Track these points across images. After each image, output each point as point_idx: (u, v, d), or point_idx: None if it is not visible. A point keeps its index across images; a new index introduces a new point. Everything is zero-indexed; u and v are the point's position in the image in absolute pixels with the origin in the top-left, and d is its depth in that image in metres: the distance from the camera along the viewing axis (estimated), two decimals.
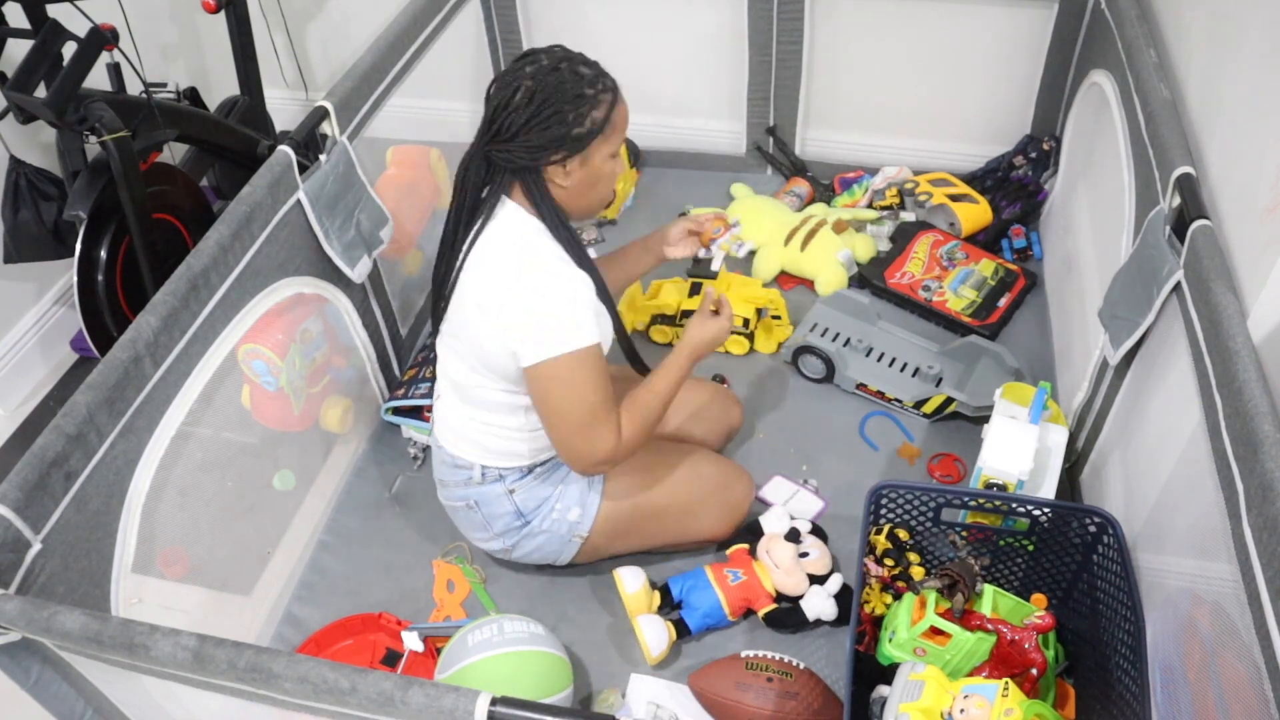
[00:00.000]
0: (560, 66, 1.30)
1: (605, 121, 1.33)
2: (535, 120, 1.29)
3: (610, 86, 1.35)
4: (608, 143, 1.35)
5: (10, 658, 1.04)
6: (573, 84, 1.30)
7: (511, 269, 1.36)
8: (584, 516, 1.56)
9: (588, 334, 1.33)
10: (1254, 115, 1.28)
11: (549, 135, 1.30)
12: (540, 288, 1.34)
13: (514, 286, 1.35)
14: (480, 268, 1.38)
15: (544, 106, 1.29)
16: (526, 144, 1.31)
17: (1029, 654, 1.26)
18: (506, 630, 1.46)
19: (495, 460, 1.53)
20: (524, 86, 1.30)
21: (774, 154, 2.54)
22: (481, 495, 1.55)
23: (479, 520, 1.58)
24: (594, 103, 1.31)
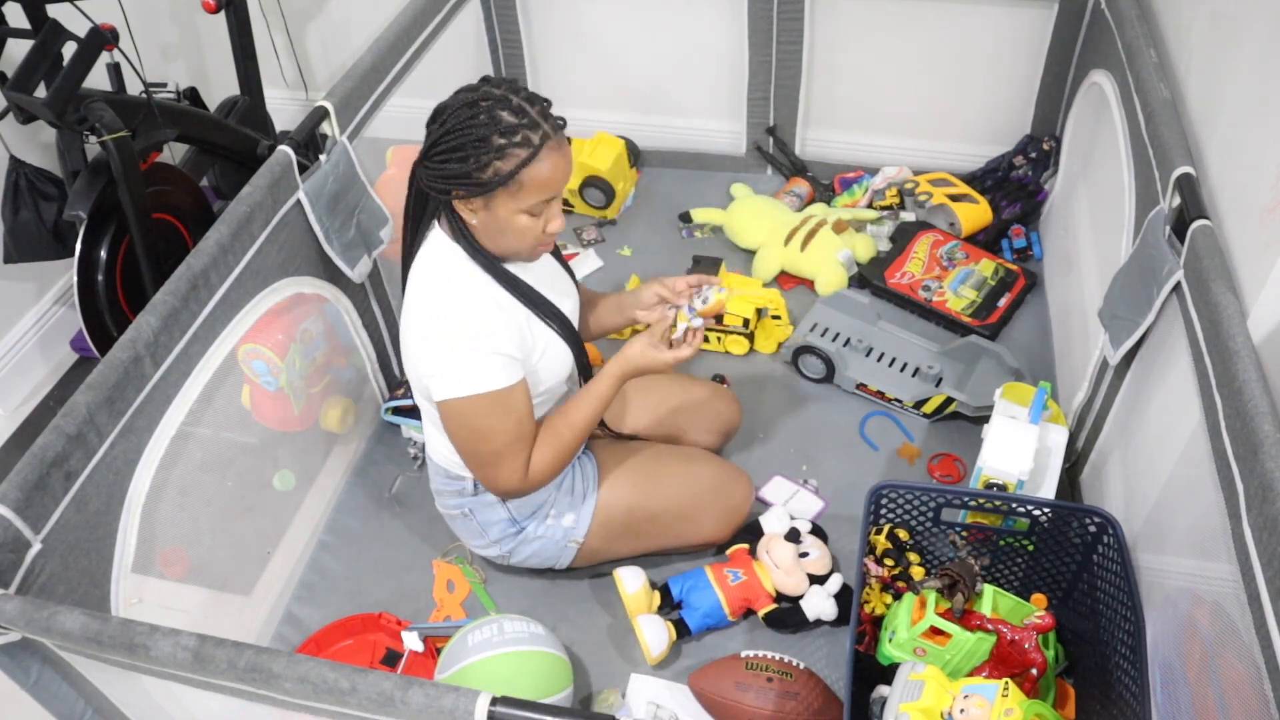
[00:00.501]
0: (482, 104, 1.22)
1: (509, 176, 1.22)
2: (438, 151, 1.25)
3: (531, 143, 1.22)
4: (514, 199, 1.25)
5: (10, 658, 1.04)
6: (485, 128, 1.21)
7: (431, 303, 1.33)
8: (579, 522, 1.56)
9: (494, 378, 1.31)
10: (1254, 115, 1.28)
11: (447, 170, 1.24)
12: (451, 329, 1.31)
13: (429, 322, 1.32)
14: (410, 294, 1.37)
15: (448, 138, 1.23)
16: (431, 170, 1.27)
17: (1029, 654, 1.26)
18: (506, 630, 1.46)
19: None
20: (447, 112, 1.25)
21: (774, 154, 2.54)
22: (475, 504, 1.56)
23: (475, 528, 1.59)
24: (500, 154, 1.21)
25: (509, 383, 1.33)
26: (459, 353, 1.31)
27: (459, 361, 1.31)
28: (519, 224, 1.28)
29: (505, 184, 1.23)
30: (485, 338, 1.31)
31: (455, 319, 1.31)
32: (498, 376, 1.32)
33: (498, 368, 1.31)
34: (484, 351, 1.31)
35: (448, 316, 1.31)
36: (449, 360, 1.31)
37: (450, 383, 1.31)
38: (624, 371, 1.43)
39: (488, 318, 1.32)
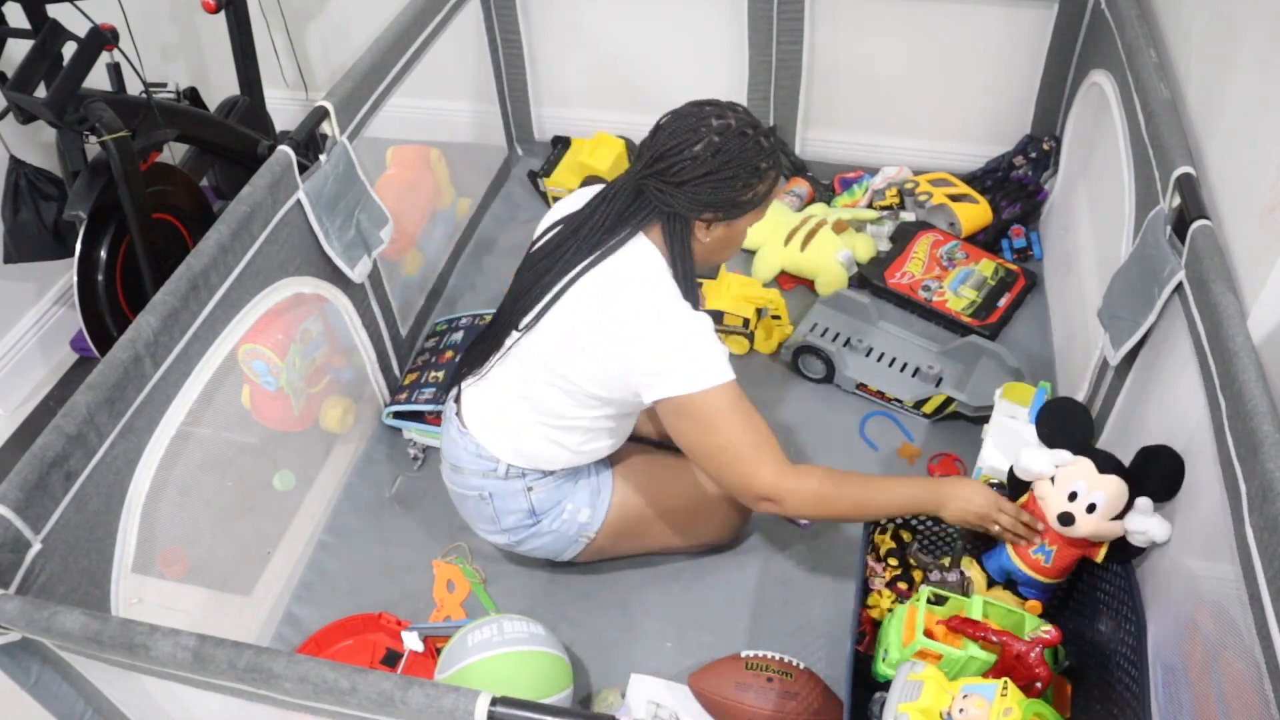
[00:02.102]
0: (748, 132, 1.28)
1: (765, 197, 1.34)
2: (711, 177, 1.27)
3: (778, 164, 1.33)
4: (758, 213, 1.36)
5: (10, 658, 1.04)
6: (755, 154, 1.28)
7: (641, 303, 1.32)
8: (593, 518, 1.56)
9: (725, 369, 1.31)
10: (1254, 115, 1.28)
11: (717, 196, 1.29)
12: (675, 324, 1.31)
13: (645, 321, 1.31)
14: (603, 296, 1.34)
15: (724, 168, 1.27)
16: (692, 195, 1.29)
17: (1034, 668, 1.26)
18: (506, 630, 1.46)
19: (524, 461, 1.51)
20: (708, 140, 1.27)
21: None
22: (499, 489, 1.54)
23: (489, 513, 1.57)
24: (764, 177, 1.31)
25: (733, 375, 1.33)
26: (696, 348, 1.30)
27: (697, 355, 1.30)
28: (744, 235, 1.39)
29: (760, 203, 1.33)
30: (706, 331, 1.33)
31: (683, 317, 1.32)
32: (727, 368, 1.32)
33: (723, 358, 1.32)
34: (715, 346, 1.32)
35: (677, 316, 1.32)
36: (687, 355, 1.30)
37: (684, 380, 1.29)
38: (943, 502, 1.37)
39: (699, 314, 1.34)
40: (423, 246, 2.18)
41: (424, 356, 2.03)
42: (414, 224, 2.13)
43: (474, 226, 2.46)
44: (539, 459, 1.51)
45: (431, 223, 2.22)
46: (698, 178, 1.27)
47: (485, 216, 2.51)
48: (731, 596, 1.66)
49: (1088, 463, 1.29)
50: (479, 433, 1.53)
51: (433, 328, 2.13)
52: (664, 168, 1.29)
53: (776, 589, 1.67)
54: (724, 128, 1.28)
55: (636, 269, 1.35)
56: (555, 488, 1.55)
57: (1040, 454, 1.32)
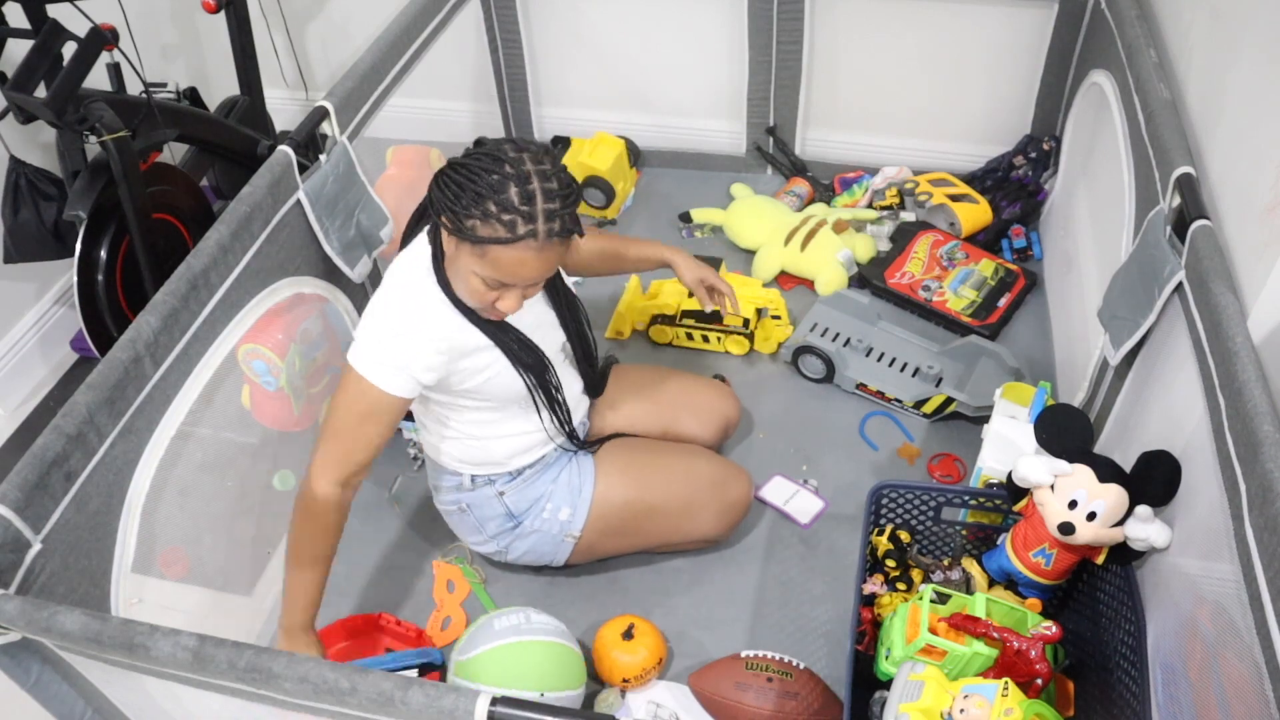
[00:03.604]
0: (506, 168, 1.20)
1: (478, 241, 1.21)
2: (447, 174, 1.24)
3: (514, 230, 1.20)
4: (474, 260, 1.24)
5: (10, 658, 1.04)
6: (488, 189, 1.19)
7: (394, 282, 1.36)
8: (575, 516, 1.56)
9: (386, 375, 1.31)
10: (1254, 115, 1.28)
11: (444, 195, 1.22)
12: (384, 306, 1.34)
13: (383, 295, 1.36)
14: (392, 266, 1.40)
15: (459, 171, 1.22)
16: (436, 186, 1.25)
17: (1034, 664, 1.26)
18: (534, 620, 1.48)
19: (480, 469, 1.53)
20: (480, 149, 1.24)
21: (774, 154, 2.54)
22: (473, 499, 1.56)
23: (471, 523, 1.59)
24: (485, 218, 1.20)
25: (397, 393, 1.33)
26: (372, 330, 1.33)
27: (368, 336, 1.33)
28: (471, 283, 1.28)
29: (474, 244, 1.22)
30: (402, 334, 1.32)
31: (390, 306, 1.34)
32: (381, 374, 1.32)
33: (388, 365, 1.32)
34: (395, 344, 1.32)
35: (385, 300, 1.35)
36: (362, 330, 1.34)
37: (356, 351, 1.34)
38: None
39: (421, 321, 1.33)
40: None
41: None
42: None
43: None
44: (482, 464, 1.53)
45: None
46: (446, 173, 1.24)
47: None
48: (731, 596, 1.66)
49: (1087, 471, 1.29)
50: (432, 451, 1.56)
51: None
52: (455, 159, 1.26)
53: (776, 589, 1.67)
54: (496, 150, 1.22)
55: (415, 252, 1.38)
56: (528, 487, 1.55)
57: (1038, 463, 1.32)
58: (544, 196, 1.21)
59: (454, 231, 1.24)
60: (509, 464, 1.54)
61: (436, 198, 1.25)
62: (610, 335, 2.15)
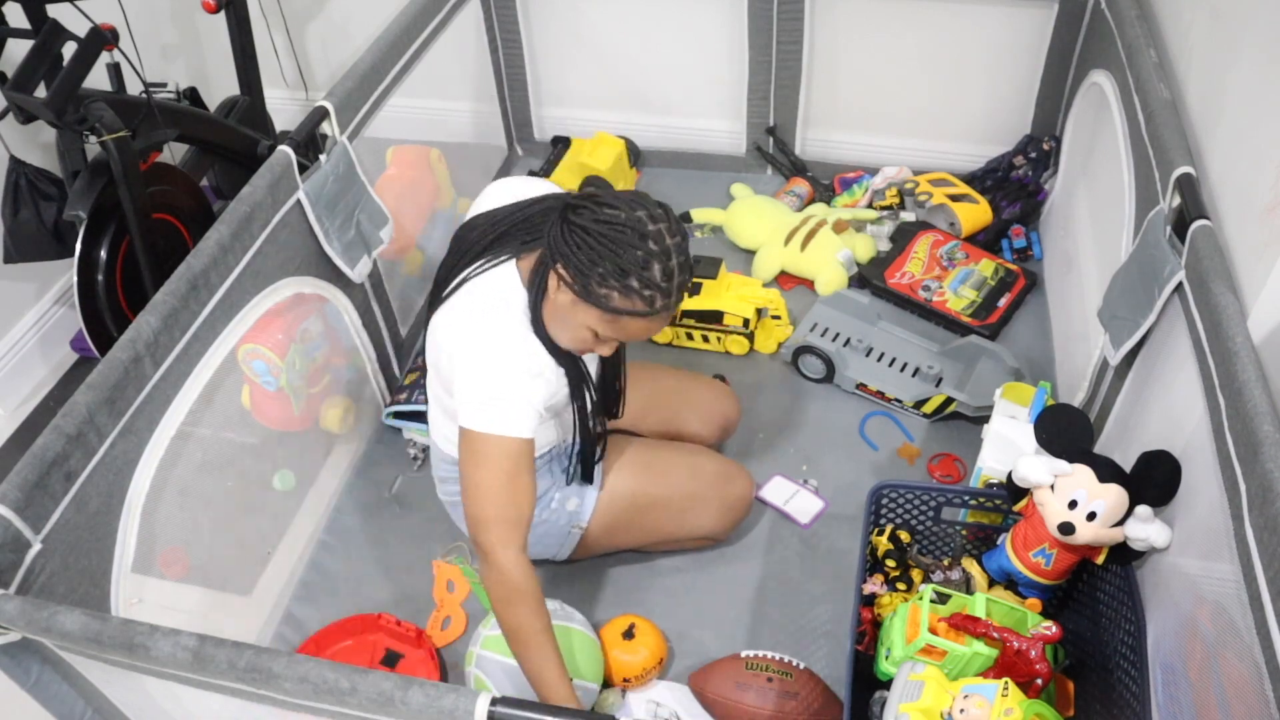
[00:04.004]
0: (653, 245, 1.19)
1: (613, 310, 1.22)
2: (588, 236, 1.20)
3: (652, 305, 1.21)
4: (598, 323, 1.25)
5: (10, 658, 1.04)
6: (633, 265, 1.18)
7: (478, 327, 1.31)
8: (582, 507, 1.56)
9: (519, 425, 1.28)
10: (1254, 115, 1.28)
11: (578, 258, 1.20)
12: (485, 360, 1.29)
13: (471, 346, 1.30)
14: (457, 310, 1.34)
15: (604, 242, 1.19)
16: (565, 238, 1.22)
17: (1034, 664, 1.26)
18: (568, 609, 1.51)
19: None
20: (623, 215, 1.20)
21: (774, 154, 2.54)
22: None
23: None
24: (625, 292, 1.20)
25: (527, 435, 1.29)
26: (503, 390, 1.28)
27: (499, 398, 1.28)
28: (581, 335, 1.28)
29: (602, 307, 1.22)
30: (520, 382, 1.29)
31: (498, 358, 1.29)
32: (514, 425, 1.28)
33: (518, 417, 1.28)
34: (525, 398, 1.29)
35: (490, 352, 1.29)
36: (477, 394, 1.28)
37: (475, 415, 1.28)
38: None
39: (534, 368, 1.30)
40: (423, 246, 2.18)
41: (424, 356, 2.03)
42: (414, 224, 2.13)
43: None
44: None
45: (431, 223, 2.22)
46: (580, 229, 1.21)
47: None
48: (731, 596, 1.66)
49: (1087, 471, 1.29)
50: (443, 441, 1.54)
51: None
52: (578, 204, 1.23)
53: (776, 589, 1.67)
54: (641, 223, 1.20)
55: (493, 293, 1.32)
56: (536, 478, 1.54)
57: (1038, 463, 1.32)
58: (680, 271, 1.22)
59: (581, 293, 1.21)
60: None
61: (567, 254, 1.21)
62: None
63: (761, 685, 1.45)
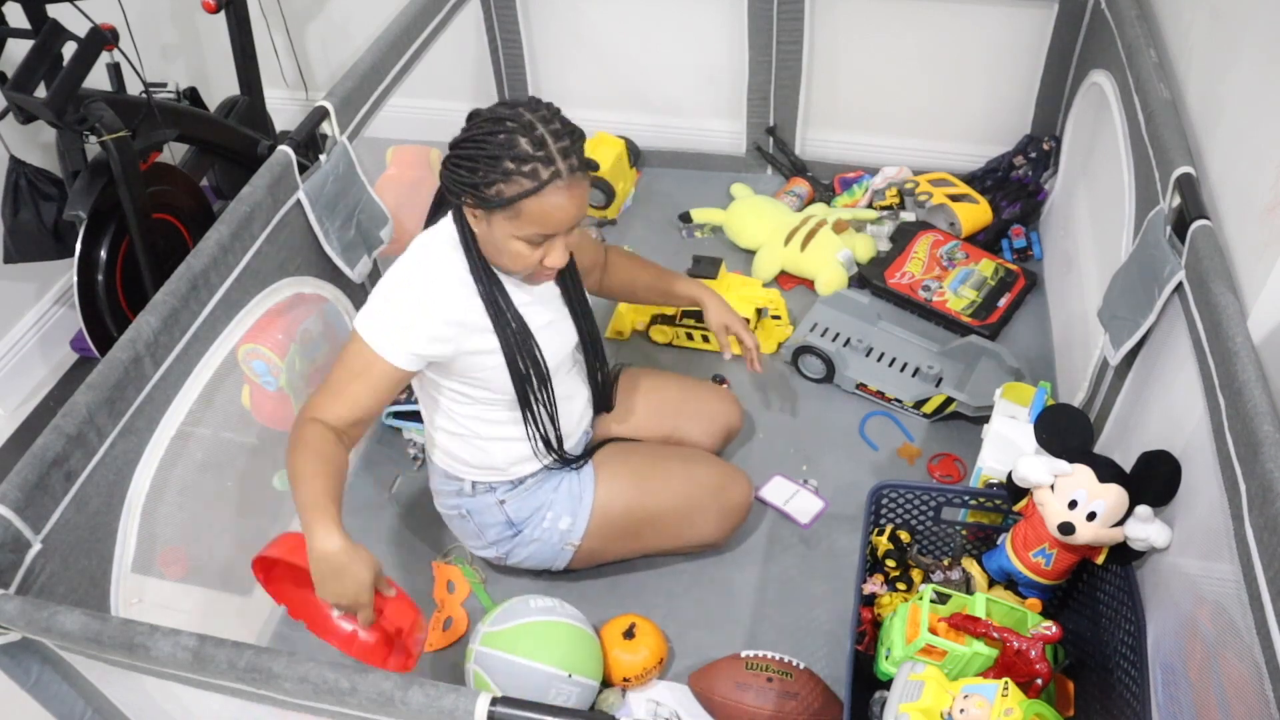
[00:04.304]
0: (508, 124, 1.21)
1: (509, 202, 1.22)
2: (455, 155, 1.25)
3: (538, 177, 1.21)
4: (511, 224, 1.25)
5: (10, 658, 1.04)
6: (500, 148, 1.20)
7: (405, 263, 1.36)
8: (575, 525, 1.56)
9: (385, 340, 1.30)
10: (1254, 115, 1.28)
11: (459, 176, 1.24)
12: (397, 277, 1.34)
13: (393, 273, 1.35)
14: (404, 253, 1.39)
15: (466, 146, 1.24)
16: (448, 171, 1.27)
17: (1034, 664, 1.26)
18: (568, 608, 1.51)
19: (481, 475, 1.53)
20: (475, 121, 1.25)
21: (774, 154, 2.54)
22: (473, 506, 1.56)
23: (472, 529, 1.59)
24: (506, 178, 1.21)
25: (388, 355, 1.31)
26: (383, 297, 1.33)
27: (378, 303, 1.33)
28: (513, 248, 1.28)
29: (504, 208, 1.23)
30: (412, 310, 1.31)
31: (406, 285, 1.33)
32: (386, 341, 1.30)
33: (395, 333, 1.31)
34: (405, 312, 1.31)
35: (405, 280, 1.34)
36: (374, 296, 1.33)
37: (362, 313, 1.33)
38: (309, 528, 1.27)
39: (436, 292, 1.33)
40: None
41: None
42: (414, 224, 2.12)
43: None
44: (483, 469, 1.52)
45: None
46: (450, 151, 1.27)
47: None
48: (731, 596, 1.66)
49: (1087, 471, 1.28)
50: (435, 456, 1.56)
51: None
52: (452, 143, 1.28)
53: (776, 589, 1.67)
54: (492, 114, 1.24)
55: (427, 237, 1.38)
56: (529, 495, 1.55)
57: (1038, 463, 1.32)
58: (553, 137, 1.22)
59: (480, 204, 1.25)
60: (509, 471, 1.53)
61: (453, 183, 1.26)
62: (610, 335, 2.15)
63: (761, 685, 1.45)
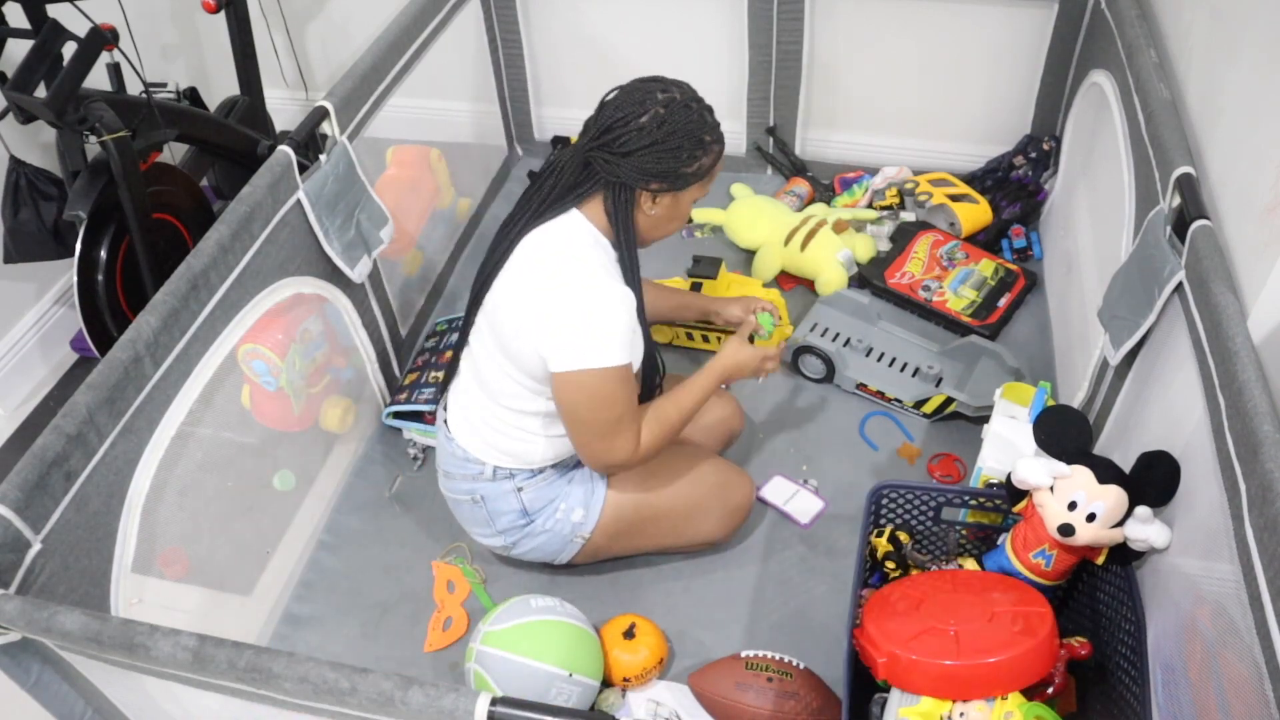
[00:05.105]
0: (693, 104, 1.35)
1: (709, 170, 1.38)
2: (656, 147, 1.32)
3: (721, 140, 1.39)
4: (701, 188, 1.41)
5: (10, 658, 1.04)
6: (699, 126, 1.34)
7: (560, 273, 1.37)
8: (587, 518, 1.56)
9: (619, 354, 1.35)
10: (1254, 115, 1.28)
11: (661, 166, 1.33)
12: (583, 299, 1.35)
13: (558, 291, 1.36)
14: (528, 265, 1.40)
15: (669, 138, 1.32)
16: (638, 165, 1.34)
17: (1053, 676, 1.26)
18: (568, 607, 1.51)
19: (508, 461, 1.53)
20: (655, 111, 1.32)
21: (774, 154, 2.54)
22: (489, 491, 1.55)
23: (482, 516, 1.58)
24: (708, 150, 1.36)
25: (629, 359, 1.37)
26: (588, 327, 1.34)
27: (588, 335, 1.34)
28: (684, 212, 1.43)
29: (703, 176, 1.38)
30: (614, 312, 1.35)
31: (588, 294, 1.35)
32: (621, 352, 1.36)
33: (622, 343, 1.36)
34: (615, 323, 1.35)
35: (580, 292, 1.35)
36: (576, 334, 1.35)
37: (576, 355, 1.35)
38: (724, 368, 1.56)
39: (616, 292, 1.36)
40: (423, 246, 2.18)
41: (424, 356, 2.03)
42: (414, 224, 2.13)
43: (474, 226, 2.46)
44: (519, 455, 1.52)
45: (431, 223, 2.22)
46: (643, 148, 1.33)
47: (485, 216, 2.51)
48: (731, 596, 1.66)
49: (1087, 472, 1.28)
50: (462, 436, 1.55)
51: (433, 328, 2.13)
52: (611, 139, 1.34)
53: (776, 589, 1.67)
54: (669, 100, 1.33)
55: (565, 240, 1.40)
56: (546, 486, 1.55)
57: (1037, 465, 1.32)
58: (707, 108, 1.38)
59: (675, 184, 1.36)
60: (544, 462, 1.54)
61: (646, 174, 1.34)
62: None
63: (761, 685, 1.45)
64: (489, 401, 1.50)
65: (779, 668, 1.47)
